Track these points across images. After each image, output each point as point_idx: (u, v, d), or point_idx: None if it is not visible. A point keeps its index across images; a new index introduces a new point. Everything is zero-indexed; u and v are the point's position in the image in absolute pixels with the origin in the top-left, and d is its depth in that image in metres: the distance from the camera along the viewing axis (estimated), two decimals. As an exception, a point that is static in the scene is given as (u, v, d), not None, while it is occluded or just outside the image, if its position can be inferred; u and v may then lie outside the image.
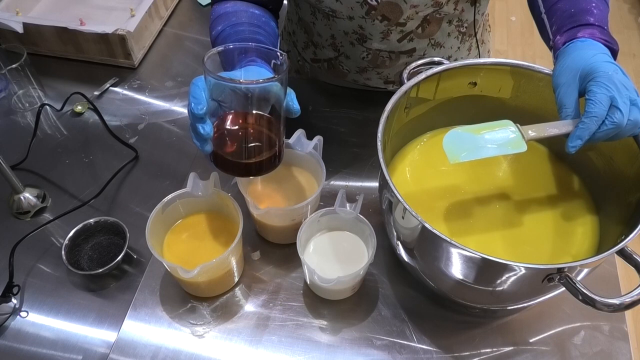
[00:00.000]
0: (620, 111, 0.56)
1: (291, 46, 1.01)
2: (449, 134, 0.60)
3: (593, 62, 0.59)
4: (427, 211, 0.69)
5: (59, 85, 1.04)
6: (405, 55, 0.87)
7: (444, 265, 0.60)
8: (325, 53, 0.92)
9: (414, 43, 0.84)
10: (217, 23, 0.75)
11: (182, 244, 0.72)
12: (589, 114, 0.56)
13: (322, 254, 0.72)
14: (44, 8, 1.14)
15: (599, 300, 0.53)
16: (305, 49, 0.96)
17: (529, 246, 0.68)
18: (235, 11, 0.75)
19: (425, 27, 0.82)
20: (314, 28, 0.89)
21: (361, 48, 0.86)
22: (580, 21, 0.64)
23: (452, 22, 0.84)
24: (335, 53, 0.90)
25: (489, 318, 0.71)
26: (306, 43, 0.95)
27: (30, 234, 0.79)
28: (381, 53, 0.86)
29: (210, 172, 0.71)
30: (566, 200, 0.72)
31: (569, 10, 0.65)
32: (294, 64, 1.03)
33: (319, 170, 0.73)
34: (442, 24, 0.83)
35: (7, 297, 0.73)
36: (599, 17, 0.64)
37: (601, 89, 0.56)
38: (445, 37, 0.86)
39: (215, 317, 0.71)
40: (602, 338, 0.69)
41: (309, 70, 1.00)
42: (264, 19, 0.76)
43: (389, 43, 0.84)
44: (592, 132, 0.57)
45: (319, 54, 0.94)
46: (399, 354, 0.68)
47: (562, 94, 0.60)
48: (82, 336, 0.72)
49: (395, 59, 0.87)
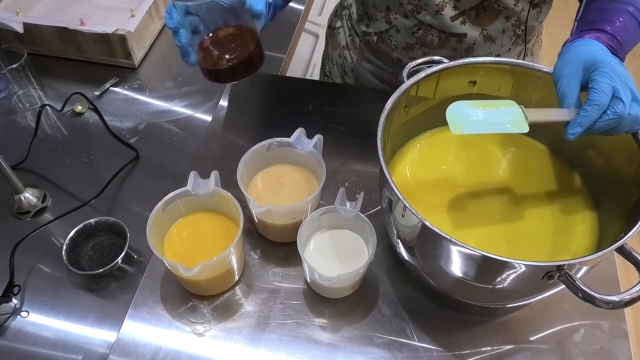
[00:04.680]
0: (623, 102, 0.56)
1: (345, 19, 1.02)
2: (453, 105, 0.59)
3: (597, 55, 0.59)
4: (427, 209, 0.69)
5: (59, 85, 1.05)
6: (454, 38, 0.86)
7: (444, 263, 0.60)
8: (377, 26, 0.92)
9: (466, 28, 0.84)
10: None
11: (182, 242, 0.72)
12: (591, 101, 0.56)
13: (322, 252, 0.72)
14: (44, 8, 1.14)
15: (598, 298, 0.53)
16: (360, 21, 0.97)
17: (529, 244, 0.68)
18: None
19: (480, 13, 0.82)
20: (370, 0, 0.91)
21: (414, 20, 0.86)
22: (595, 26, 0.64)
23: (510, 19, 0.83)
24: (387, 26, 0.91)
25: (489, 316, 0.71)
26: (361, 16, 0.96)
27: (30, 234, 0.79)
28: (432, 30, 0.86)
29: (210, 170, 0.71)
30: (566, 198, 0.72)
31: (594, 18, 0.66)
32: (343, 38, 1.04)
33: (319, 168, 0.74)
34: (499, 17, 0.83)
35: (7, 297, 0.73)
36: (618, 29, 0.64)
37: (605, 78, 0.57)
38: (499, 33, 0.85)
39: (215, 316, 0.71)
40: (602, 336, 0.69)
41: (359, 45, 1.00)
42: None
43: (442, 19, 0.83)
44: (593, 120, 0.57)
45: (371, 26, 0.94)
46: (399, 352, 0.68)
47: (565, 85, 0.60)
48: (82, 336, 0.72)
49: (444, 39, 0.86)
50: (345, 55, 1.04)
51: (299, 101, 0.98)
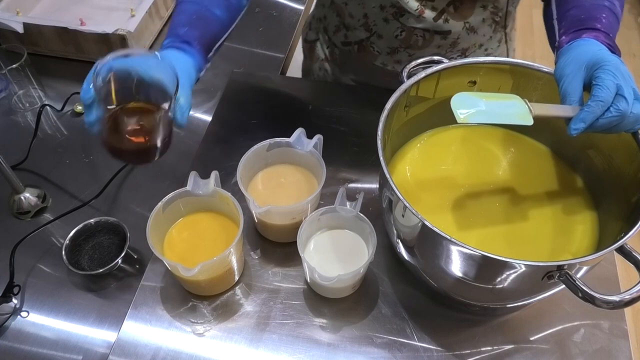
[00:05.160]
0: (626, 100, 0.56)
1: (321, 32, 1.02)
2: (458, 95, 0.58)
3: (599, 54, 0.60)
4: (427, 209, 0.69)
5: (59, 85, 1.05)
6: (439, 36, 0.86)
7: (444, 263, 0.60)
8: (357, 35, 0.92)
9: (449, 24, 0.84)
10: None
11: (182, 242, 0.72)
12: (595, 97, 0.56)
13: (322, 252, 0.72)
14: (44, 8, 1.14)
15: (598, 298, 0.53)
16: (337, 32, 0.96)
17: (529, 244, 0.68)
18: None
19: (458, 7, 0.82)
20: (346, 9, 0.90)
21: (396, 24, 0.86)
22: (587, 25, 0.65)
23: (487, 7, 0.84)
24: (367, 33, 0.90)
25: (489, 316, 0.71)
26: (337, 26, 0.95)
27: (30, 234, 0.79)
28: (415, 31, 0.86)
29: (210, 171, 0.71)
30: (566, 198, 0.72)
31: (579, 16, 0.67)
32: (322, 51, 1.03)
33: (319, 169, 0.73)
34: (476, 7, 0.83)
35: (7, 297, 0.73)
36: (606, 26, 0.65)
37: (609, 75, 0.57)
38: (480, 23, 0.86)
39: (215, 316, 0.71)
40: (602, 336, 0.69)
41: (339, 56, 1.00)
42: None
43: (425, 21, 0.83)
44: (596, 116, 0.57)
45: (350, 36, 0.94)
46: (400, 352, 0.68)
47: (567, 83, 0.60)
48: (82, 336, 0.72)
49: (429, 39, 0.86)
50: (325, 67, 1.04)
51: (299, 101, 0.98)
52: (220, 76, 1.06)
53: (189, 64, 0.66)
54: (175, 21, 0.70)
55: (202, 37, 0.69)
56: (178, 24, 0.69)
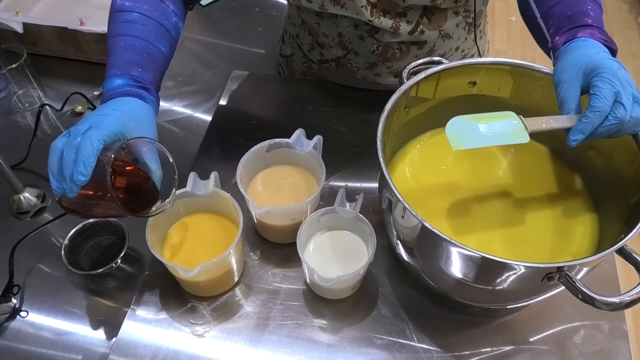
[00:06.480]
0: (624, 107, 0.56)
1: (295, 48, 1.00)
2: (453, 121, 0.59)
3: (597, 59, 0.59)
4: (426, 210, 0.69)
5: (59, 85, 1.04)
6: (415, 46, 0.86)
7: (444, 265, 0.60)
8: (333, 52, 0.92)
9: (425, 35, 0.84)
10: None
11: (182, 243, 0.72)
12: (593, 108, 0.56)
13: (322, 253, 0.72)
14: (44, 8, 1.14)
15: (598, 299, 0.53)
16: (311, 50, 0.96)
17: (529, 245, 0.68)
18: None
19: (431, 17, 0.82)
20: (319, 29, 0.89)
21: (372, 41, 0.86)
22: (578, 22, 0.64)
23: (459, 12, 0.84)
24: (344, 51, 0.90)
25: (489, 317, 0.71)
26: (312, 45, 0.95)
27: (30, 234, 0.79)
28: (392, 44, 0.86)
29: (210, 171, 0.71)
30: (566, 199, 0.72)
31: (566, 13, 0.66)
32: (299, 66, 1.03)
33: (319, 169, 0.73)
34: (448, 14, 0.83)
35: (7, 297, 0.73)
36: (595, 19, 0.64)
37: (606, 84, 0.56)
38: (453, 28, 0.86)
39: (215, 317, 0.71)
40: (602, 337, 0.69)
41: (317, 71, 1.00)
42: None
43: (401, 36, 0.84)
44: (595, 126, 0.57)
45: (326, 54, 0.93)
46: (399, 353, 0.68)
47: (565, 90, 0.60)
48: (82, 336, 0.72)
49: (405, 50, 0.87)
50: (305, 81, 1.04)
51: (299, 101, 0.98)
52: (220, 76, 1.06)
53: (152, 113, 0.65)
54: (125, 57, 0.66)
55: (154, 80, 0.67)
56: (129, 61, 0.66)
